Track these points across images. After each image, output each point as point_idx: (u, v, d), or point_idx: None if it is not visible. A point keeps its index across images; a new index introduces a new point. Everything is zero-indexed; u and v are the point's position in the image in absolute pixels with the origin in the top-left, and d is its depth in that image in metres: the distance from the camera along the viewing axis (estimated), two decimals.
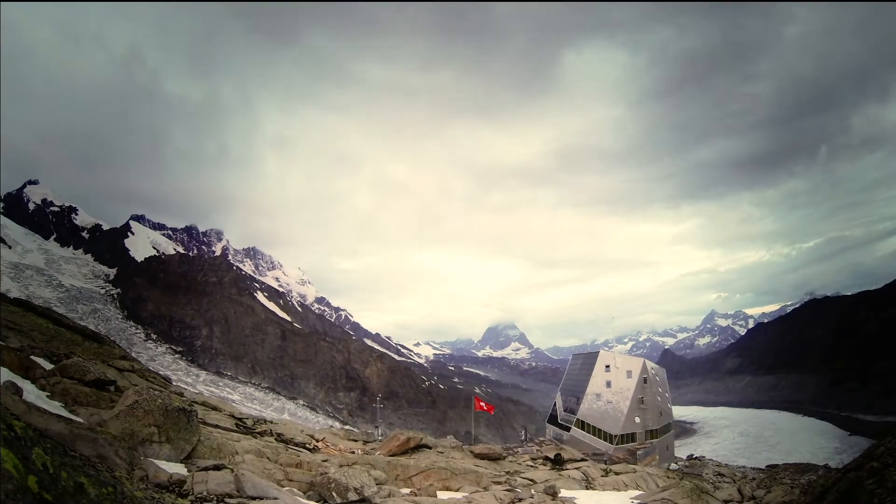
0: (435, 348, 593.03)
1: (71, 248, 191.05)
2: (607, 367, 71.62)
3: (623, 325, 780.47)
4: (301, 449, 20.50)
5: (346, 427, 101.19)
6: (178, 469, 10.05)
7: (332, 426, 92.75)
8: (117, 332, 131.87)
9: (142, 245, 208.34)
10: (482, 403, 47.23)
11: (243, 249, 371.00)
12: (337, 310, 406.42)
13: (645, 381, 69.72)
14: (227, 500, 8.81)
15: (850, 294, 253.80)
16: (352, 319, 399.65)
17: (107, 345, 27.02)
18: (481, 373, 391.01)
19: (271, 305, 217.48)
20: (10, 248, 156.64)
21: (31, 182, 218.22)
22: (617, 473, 32.27)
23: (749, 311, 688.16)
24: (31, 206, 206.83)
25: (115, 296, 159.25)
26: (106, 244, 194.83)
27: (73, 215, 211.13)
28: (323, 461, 17.04)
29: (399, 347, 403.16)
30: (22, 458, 4.18)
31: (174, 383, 38.50)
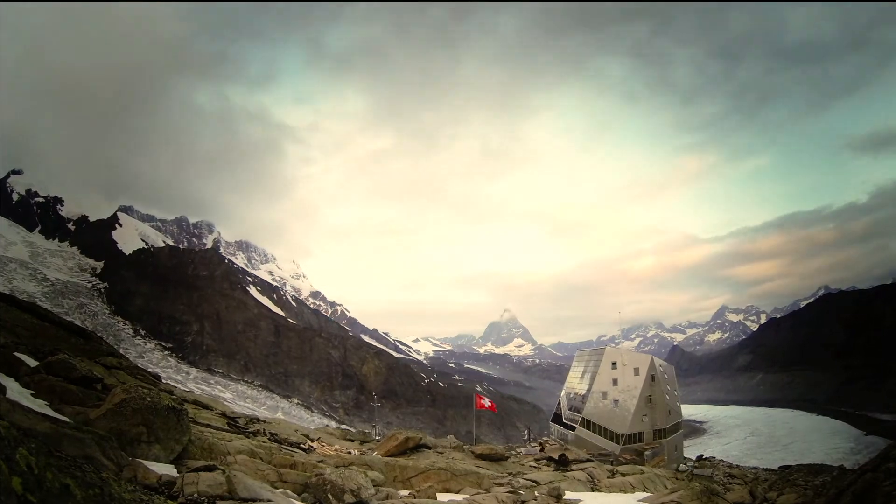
0: (435, 345, 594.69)
1: (56, 240, 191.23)
2: (614, 364, 71.65)
3: (630, 321, 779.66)
4: (295, 449, 20.57)
5: (343, 426, 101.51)
6: (167, 470, 10.07)
7: (327, 425, 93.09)
8: (104, 328, 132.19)
9: (130, 237, 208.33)
10: (484, 401, 47.32)
11: (235, 242, 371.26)
12: (333, 305, 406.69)
13: (653, 378, 69.77)
14: (218, 502, 8.83)
15: (866, 288, 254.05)
16: (348, 315, 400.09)
17: (94, 341, 27.08)
18: (483, 370, 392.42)
19: (264, 300, 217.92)
20: None
21: (14, 172, 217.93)
22: (624, 475, 32.40)
23: (761, 306, 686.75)
24: (15, 196, 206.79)
25: (103, 290, 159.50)
26: (93, 236, 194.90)
27: (58, 206, 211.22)
28: (318, 462, 17.10)
29: (397, 344, 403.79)
30: (5, 458, 4.19)
31: (163, 381, 38.63)
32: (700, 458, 77.93)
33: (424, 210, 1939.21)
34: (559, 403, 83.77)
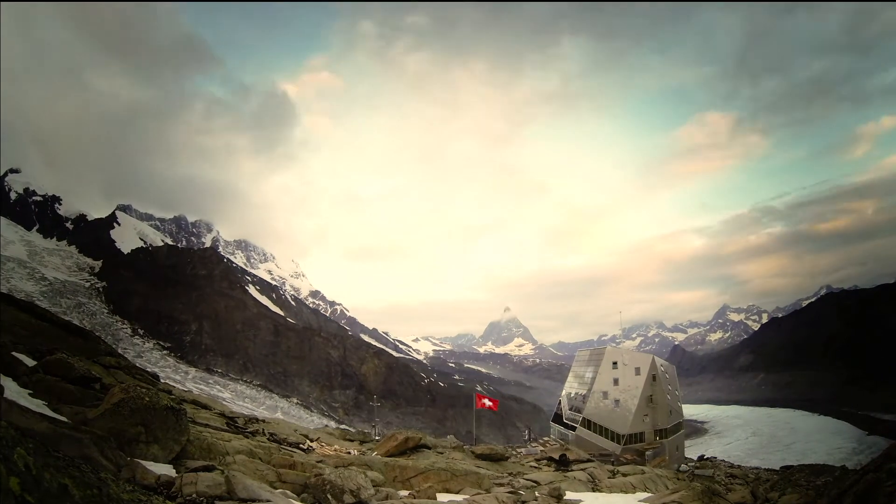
0: (434, 344, 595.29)
1: (54, 239, 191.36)
2: (615, 363, 71.72)
3: (631, 320, 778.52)
4: (295, 449, 20.57)
5: (342, 426, 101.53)
6: (166, 470, 10.07)
7: (326, 425, 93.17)
8: (103, 328, 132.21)
9: (128, 236, 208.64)
10: (485, 399, 47.24)
11: (234, 241, 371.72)
12: (332, 304, 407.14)
13: (654, 378, 69.84)
14: (217, 502, 8.83)
15: (868, 287, 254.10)
16: (348, 314, 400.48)
17: (92, 340, 27.07)
18: (483, 370, 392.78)
19: (263, 299, 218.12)
20: None
21: (12, 171, 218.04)
22: (624, 475, 32.41)
23: (763, 305, 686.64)
24: (13, 195, 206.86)
25: (101, 289, 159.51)
26: (91, 235, 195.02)
27: (56, 205, 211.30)
28: (317, 462, 17.09)
29: (397, 343, 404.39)
30: (3, 458, 4.19)
31: (162, 381, 38.63)
32: (701, 458, 77.96)
33: (433, 189, 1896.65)
34: (560, 403, 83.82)
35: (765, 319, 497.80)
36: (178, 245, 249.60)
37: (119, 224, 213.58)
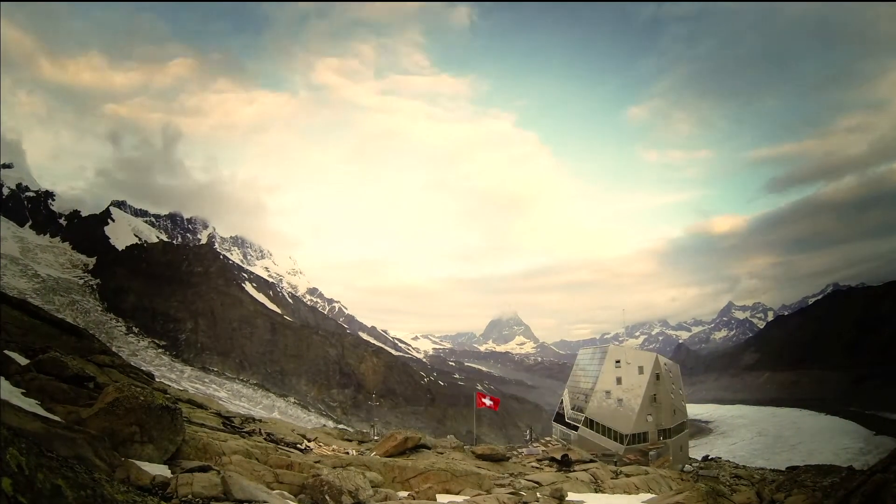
0: (434, 342, 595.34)
1: (48, 235, 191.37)
2: (618, 362, 71.77)
3: (634, 318, 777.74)
4: (292, 449, 20.61)
5: (340, 426, 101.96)
6: (161, 470, 10.09)
7: (324, 425, 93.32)
8: (97, 325, 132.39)
9: (123, 233, 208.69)
10: (485, 399, 47.25)
11: (231, 238, 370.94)
12: (330, 302, 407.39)
13: (658, 377, 69.89)
14: (213, 503, 8.84)
15: (876, 285, 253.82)
16: (346, 312, 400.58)
17: (86, 339, 27.08)
18: (483, 368, 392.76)
19: (260, 297, 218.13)
20: None
21: (5, 166, 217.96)
22: (628, 475, 32.46)
23: (768, 303, 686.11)
24: (6, 191, 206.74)
25: (95, 286, 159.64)
26: (85, 232, 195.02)
27: (49, 201, 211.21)
28: (315, 462, 17.12)
29: (396, 342, 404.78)
30: None
31: (157, 379, 38.70)
32: (706, 458, 77.92)
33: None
34: (562, 402, 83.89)
35: (770, 317, 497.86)
36: (174, 242, 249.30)
37: (113, 220, 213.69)
